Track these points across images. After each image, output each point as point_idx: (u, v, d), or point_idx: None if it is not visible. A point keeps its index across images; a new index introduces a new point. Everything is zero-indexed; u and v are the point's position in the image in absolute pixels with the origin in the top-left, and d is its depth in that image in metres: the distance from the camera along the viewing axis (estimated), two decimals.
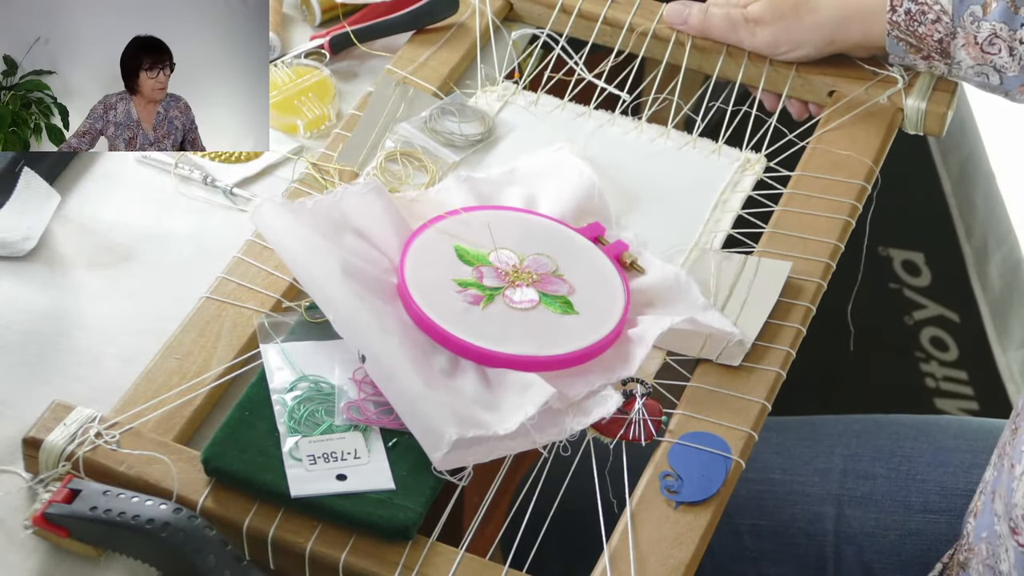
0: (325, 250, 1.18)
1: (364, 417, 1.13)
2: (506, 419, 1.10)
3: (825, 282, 1.26)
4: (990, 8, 1.32)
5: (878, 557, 1.35)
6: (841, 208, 1.31)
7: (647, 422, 1.14)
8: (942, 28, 1.33)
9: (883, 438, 1.42)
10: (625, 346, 1.17)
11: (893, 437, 1.43)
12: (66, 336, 1.22)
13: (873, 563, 1.35)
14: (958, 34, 1.33)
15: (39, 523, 1.08)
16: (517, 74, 1.43)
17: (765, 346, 1.20)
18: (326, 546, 1.08)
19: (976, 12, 1.32)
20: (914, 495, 1.38)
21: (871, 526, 1.37)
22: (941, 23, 1.33)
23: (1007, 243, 2.17)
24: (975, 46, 1.33)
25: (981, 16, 1.32)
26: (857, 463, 1.40)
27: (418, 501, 1.09)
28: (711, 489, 1.10)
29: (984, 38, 1.33)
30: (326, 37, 1.44)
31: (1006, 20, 1.32)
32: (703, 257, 1.27)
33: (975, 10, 1.33)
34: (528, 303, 1.19)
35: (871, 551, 1.35)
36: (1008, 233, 2.19)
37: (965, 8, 1.33)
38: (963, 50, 1.34)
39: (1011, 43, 1.32)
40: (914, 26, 1.34)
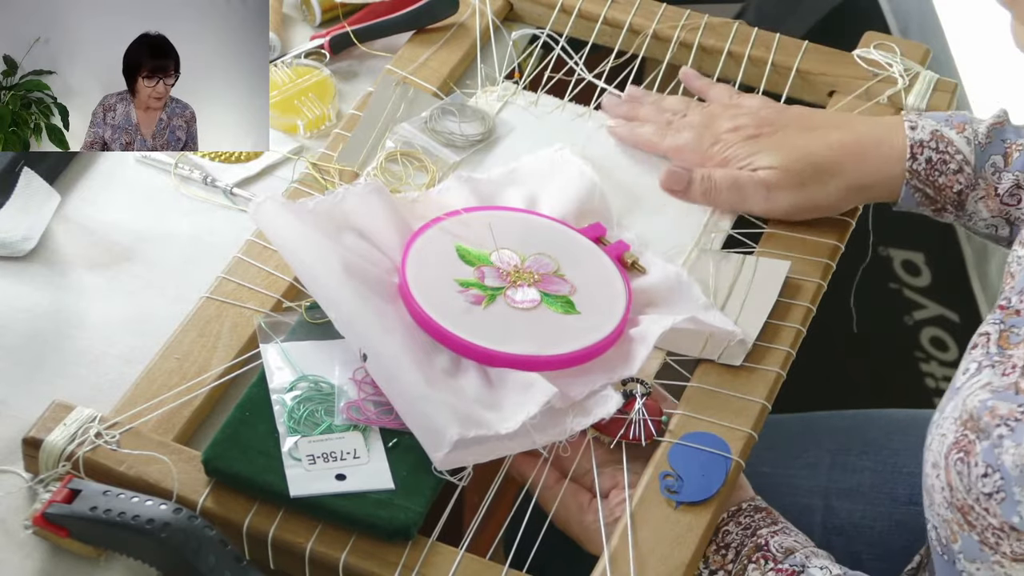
0: (327, 248, 1.18)
1: (364, 417, 1.13)
2: (508, 419, 1.10)
3: (825, 282, 1.27)
4: (1011, 158, 1.29)
5: (867, 548, 1.36)
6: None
7: (647, 422, 1.14)
8: (964, 180, 1.29)
9: (873, 432, 1.43)
10: (627, 345, 1.17)
11: (883, 431, 1.43)
12: (66, 336, 1.22)
13: (861, 553, 1.36)
14: (979, 185, 1.29)
15: (39, 523, 1.08)
16: (517, 74, 1.43)
17: (765, 346, 1.20)
18: (326, 546, 1.08)
19: (997, 163, 1.29)
20: (900, 487, 1.38)
21: (858, 517, 1.38)
22: (963, 174, 1.29)
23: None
24: (995, 198, 1.29)
25: (1002, 167, 1.28)
26: (846, 456, 1.41)
27: (418, 501, 1.09)
28: (711, 489, 1.10)
29: (1005, 190, 1.28)
30: (326, 37, 1.44)
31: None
32: (702, 257, 1.27)
33: (996, 160, 1.29)
34: (530, 303, 1.19)
35: (860, 542, 1.36)
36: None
37: (986, 159, 1.29)
38: (981, 203, 1.30)
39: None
40: (934, 176, 1.29)
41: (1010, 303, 1.11)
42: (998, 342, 1.08)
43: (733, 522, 1.13)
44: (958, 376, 1.10)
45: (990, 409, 1.02)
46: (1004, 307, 1.11)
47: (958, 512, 1.04)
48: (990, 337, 1.10)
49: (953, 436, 1.05)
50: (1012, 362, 1.06)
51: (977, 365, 1.07)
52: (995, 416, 1.02)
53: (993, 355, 1.08)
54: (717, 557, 1.12)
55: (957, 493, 1.04)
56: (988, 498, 1.01)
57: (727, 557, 1.12)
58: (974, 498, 1.03)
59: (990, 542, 1.03)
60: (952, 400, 1.08)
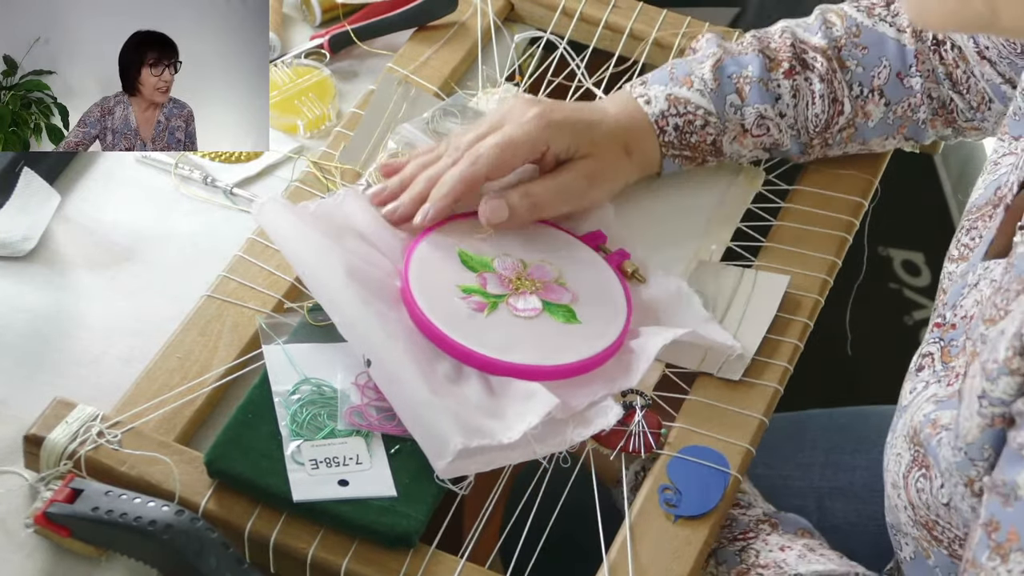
0: (329, 250, 1.18)
1: (367, 422, 1.13)
2: (510, 428, 1.10)
3: (823, 298, 1.27)
4: (744, 92, 1.30)
5: (860, 547, 1.37)
6: (838, 224, 1.32)
7: (647, 434, 1.15)
8: (713, 130, 1.30)
9: (867, 429, 1.43)
10: (627, 357, 1.18)
11: (876, 429, 1.44)
12: (66, 336, 1.22)
13: (856, 552, 1.37)
14: (727, 129, 1.31)
15: (40, 522, 1.09)
16: (518, 77, 1.43)
17: (764, 361, 1.21)
18: (328, 552, 1.08)
19: (734, 101, 1.30)
20: None
21: (853, 516, 1.39)
22: (711, 125, 1.30)
23: None
24: (744, 134, 1.31)
25: (740, 103, 1.30)
26: (839, 455, 1.42)
27: (420, 509, 1.09)
28: (710, 503, 1.11)
29: (751, 123, 1.30)
30: (326, 37, 1.44)
31: (765, 100, 1.30)
32: (701, 269, 1.28)
33: (732, 99, 1.30)
34: (532, 311, 1.19)
35: (855, 541, 1.37)
36: None
37: (723, 102, 1.30)
38: (735, 142, 1.31)
39: (776, 120, 1.30)
40: (686, 139, 1.30)
41: (944, 319, 1.13)
42: (941, 359, 1.10)
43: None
44: (904, 395, 1.12)
45: (932, 421, 1.04)
46: (940, 324, 1.13)
47: (924, 529, 1.06)
48: (934, 356, 1.11)
49: (910, 455, 1.06)
50: (955, 372, 1.07)
51: (924, 384, 1.09)
52: (936, 427, 1.03)
53: (939, 371, 1.09)
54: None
55: (919, 510, 1.06)
56: (947, 508, 1.03)
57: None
58: (935, 513, 1.04)
59: (958, 553, 1.04)
60: (900, 418, 1.09)
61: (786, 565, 1.12)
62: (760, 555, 1.14)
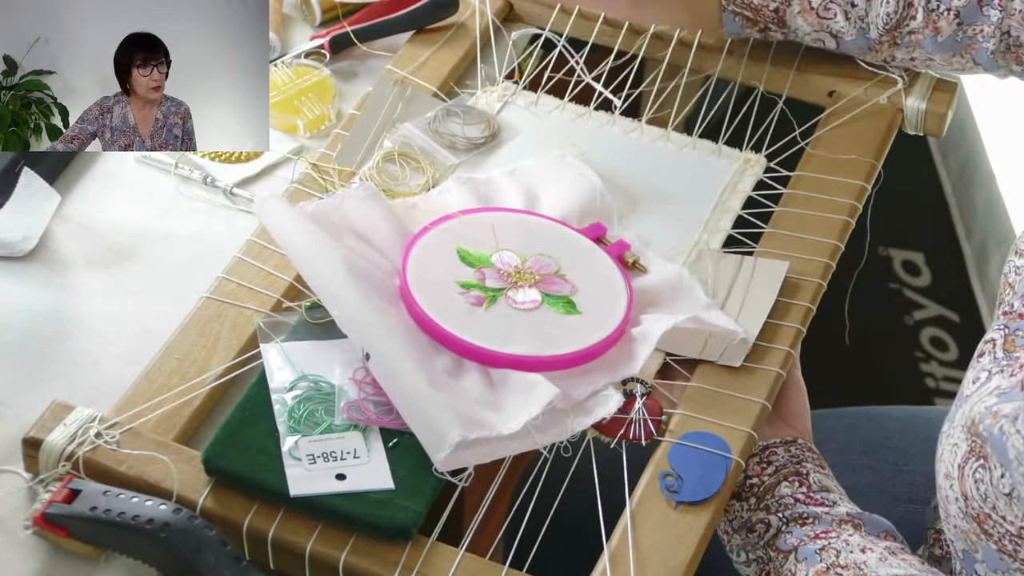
0: (329, 247, 1.18)
1: (364, 417, 1.13)
2: (510, 419, 1.10)
3: (825, 282, 1.27)
4: None
5: None
6: (841, 208, 1.31)
7: (647, 422, 1.14)
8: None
9: (874, 430, 1.43)
10: (628, 345, 1.17)
11: (883, 430, 1.43)
12: (66, 336, 1.22)
13: None
14: (793, 1, 1.32)
15: (39, 523, 1.08)
16: (517, 75, 1.43)
17: (765, 346, 1.20)
18: (326, 546, 1.08)
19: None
20: (899, 485, 1.38)
21: None
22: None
23: (1007, 243, 2.17)
24: (811, 11, 1.32)
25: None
26: (846, 456, 1.41)
27: (419, 501, 1.09)
28: (711, 489, 1.10)
29: (819, 3, 1.31)
30: (326, 37, 1.44)
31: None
32: (701, 257, 1.27)
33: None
34: (531, 303, 1.19)
35: None
36: (1008, 234, 2.19)
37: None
38: (800, 17, 1.33)
39: (845, 7, 1.31)
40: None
41: (1013, 308, 1.12)
42: (1004, 347, 1.09)
43: (783, 448, 1.15)
44: (967, 385, 1.11)
45: (993, 413, 1.03)
46: (1008, 313, 1.12)
47: (974, 522, 1.04)
48: (996, 343, 1.10)
49: (966, 444, 1.05)
50: (1020, 362, 1.06)
51: (987, 373, 1.08)
52: (997, 418, 1.02)
53: (1001, 360, 1.08)
54: (757, 468, 1.15)
55: (972, 502, 1.04)
56: (1008, 499, 1.01)
57: (766, 471, 1.14)
58: (990, 506, 1.03)
59: (1008, 549, 1.03)
60: (960, 408, 1.08)
61: (866, 567, 1.11)
62: (841, 555, 1.12)
